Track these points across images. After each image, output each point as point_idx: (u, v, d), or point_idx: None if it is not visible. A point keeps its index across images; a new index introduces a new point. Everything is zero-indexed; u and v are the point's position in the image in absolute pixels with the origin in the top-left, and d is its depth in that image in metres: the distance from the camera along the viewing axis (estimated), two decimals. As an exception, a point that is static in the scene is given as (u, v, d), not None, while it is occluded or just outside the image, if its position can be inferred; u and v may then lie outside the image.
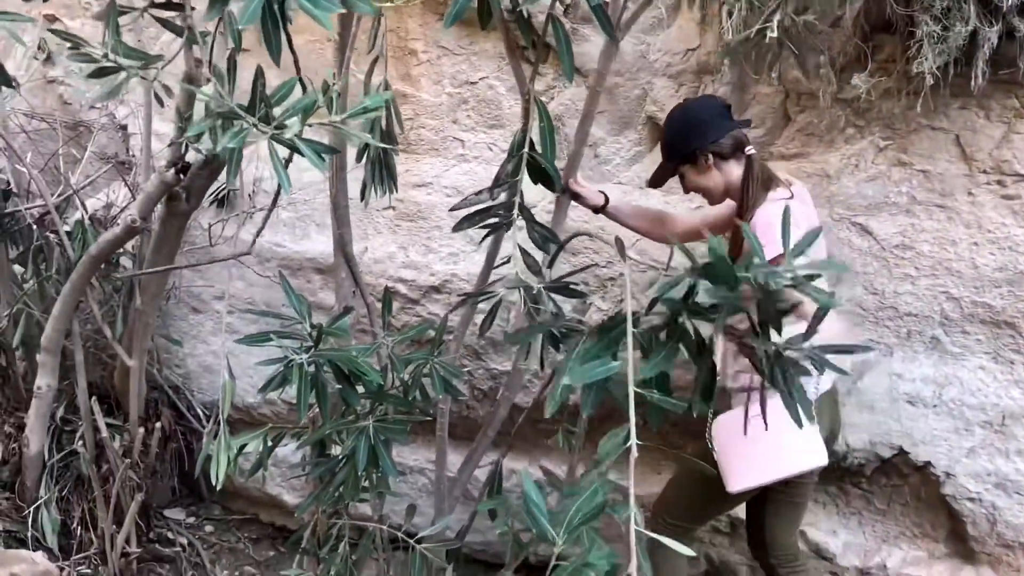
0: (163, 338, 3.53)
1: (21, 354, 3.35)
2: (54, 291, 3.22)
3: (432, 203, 3.17)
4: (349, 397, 2.19)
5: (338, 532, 2.64)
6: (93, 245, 2.80)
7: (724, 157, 2.26)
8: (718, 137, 2.24)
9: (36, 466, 3.20)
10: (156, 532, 3.43)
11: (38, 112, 3.69)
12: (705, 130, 2.25)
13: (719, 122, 2.27)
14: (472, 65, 3.12)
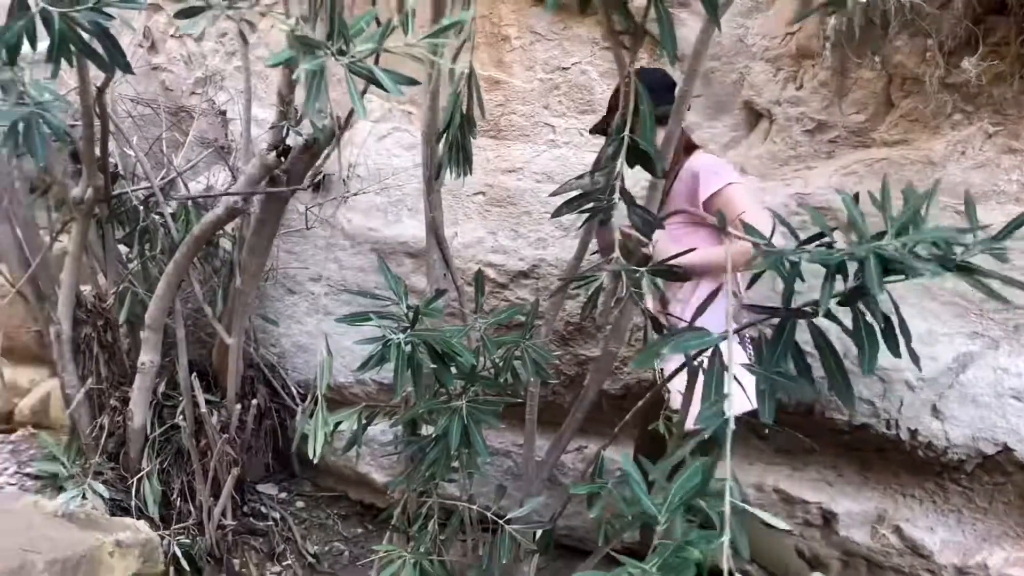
0: (260, 318, 3.63)
1: (125, 331, 3.49)
2: (157, 270, 3.35)
3: (522, 189, 3.18)
4: (443, 377, 2.22)
5: (427, 511, 2.68)
6: (196, 226, 2.89)
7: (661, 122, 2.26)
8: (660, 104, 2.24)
9: (139, 438, 3.33)
10: (250, 506, 3.54)
11: (143, 98, 3.82)
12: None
13: (664, 93, 2.44)
14: (565, 51, 3.11)
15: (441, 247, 2.66)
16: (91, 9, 1.80)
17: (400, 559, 2.52)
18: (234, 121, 3.79)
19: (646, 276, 1.79)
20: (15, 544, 2.84)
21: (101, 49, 1.82)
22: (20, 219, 3.56)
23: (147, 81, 3.95)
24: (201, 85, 3.87)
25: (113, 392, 3.42)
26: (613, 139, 1.92)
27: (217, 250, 3.39)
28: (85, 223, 3.18)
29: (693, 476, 1.48)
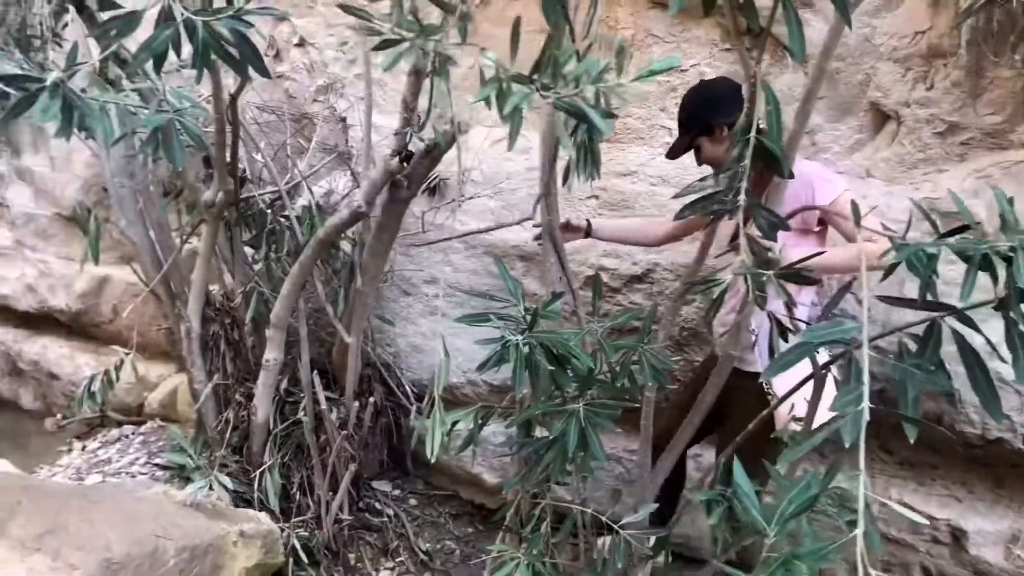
0: (377, 318, 3.72)
1: (249, 329, 3.63)
2: (281, 271, 3.47)
3: (637, 192, 3.17)
4: (560, 379, 2.23)
5: (540, 513, 2.69)
6: (320, 229, 2.98)
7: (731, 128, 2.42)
8: (733, 112, 2.37)
9: (262, 433, 3.45)
10: (365, 502, 3.63)
11: (268, 105, 3.96)
12: (720, 104, 2.46)
13: (734, 99, 2.45)
14: (683, 52, 3.08)
15: (557, 250, 2.67)
16: (231, 17, 1.88)
17: (514, 560, 2.53)
18: (354, 127, 3.89)
19: (774, 279, 1.75)
20: (149, 530, 2.99)
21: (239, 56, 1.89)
22: (154, 221, 3.75)
23: (272, 89, 4.09)
24: (323, 93, 3.99)
25: (238, 388, 3.56)
26: (738, 140, 1.89)
27: (338, 252, 3.48)
28: (215, 225, 3.31)
29: (807, 488, 1.45)
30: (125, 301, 4.76)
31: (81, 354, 5.09)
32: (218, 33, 1.93)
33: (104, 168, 3.77)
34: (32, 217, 5.05)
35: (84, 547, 2.82)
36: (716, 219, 2.09)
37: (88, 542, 2.85)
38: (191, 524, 3.15)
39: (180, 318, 3.59)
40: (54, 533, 2.84)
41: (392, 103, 3.81)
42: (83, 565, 2.73)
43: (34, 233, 5.07)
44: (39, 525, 2.85)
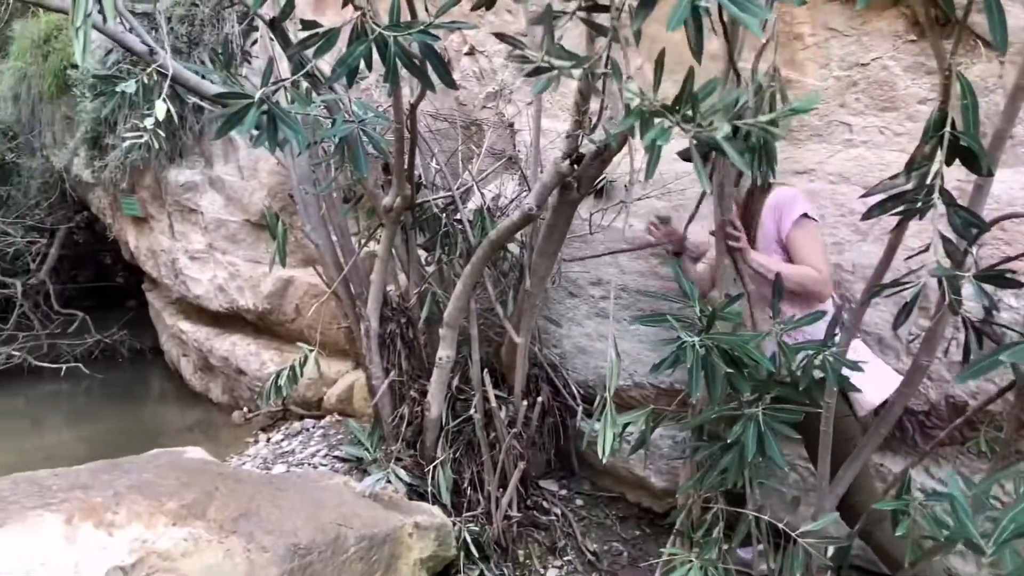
0: (544, 319, 3.77)
1: (423, 328, 3.77)
2: (453, 273, 3.58)
3: (815, 191, 3.07)
4: (738, 383, 2.19)
5: (712, 518, 2.66)
6: (492, 231, 3.06)
7: None
8: None
9: (435, 429, 3.57)
10: (532, 500, 3.68)
11: (440, 113, 4.10)
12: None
13: None
14: (863, 46, 2.96)
15: (731, 252, 2.63)
16: (421, 32, 1.97)
17: (687, 564, 2.51)
18: (521, 132, 3.97)
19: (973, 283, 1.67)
20: (331, 518, 3.16)
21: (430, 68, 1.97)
22: (336, 226, 3.95)
23: (443, 98, 4.23)
24: (491, 99, 4.08)
25: (412, 384, 3.70)
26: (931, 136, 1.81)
27: (507, 254, 3.56)
28: (393, 229, 3.46)
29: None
30: (307, 301, 5.04)
31: (266, 351, 5.43)
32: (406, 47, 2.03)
33: (291, 176, 4.00)
34: (223, 223, 5.42)
35: (274, 531, 3.01)
36: (906, 219, 2.00)
37: (277, 527, 3.04)
38: (370, 514, 3.30)
39: (360, 317, 3.76)
40: (247, 517, 3.04)
41: (559, 107, 3.85)
42: (273, 548, 2.92)
43: (224, 238, 5.45)
44: (234, 509, 3.06)
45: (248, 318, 5.50)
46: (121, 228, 6.59)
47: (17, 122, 7.15)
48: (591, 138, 2.67)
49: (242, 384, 5.66)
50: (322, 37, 1.97)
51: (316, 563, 2.98)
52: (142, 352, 7.45)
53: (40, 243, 7.45)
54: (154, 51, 3.18)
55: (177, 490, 3.06)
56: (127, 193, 6.01)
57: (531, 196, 2.86)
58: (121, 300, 8.51)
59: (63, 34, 6.48)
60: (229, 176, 5.34)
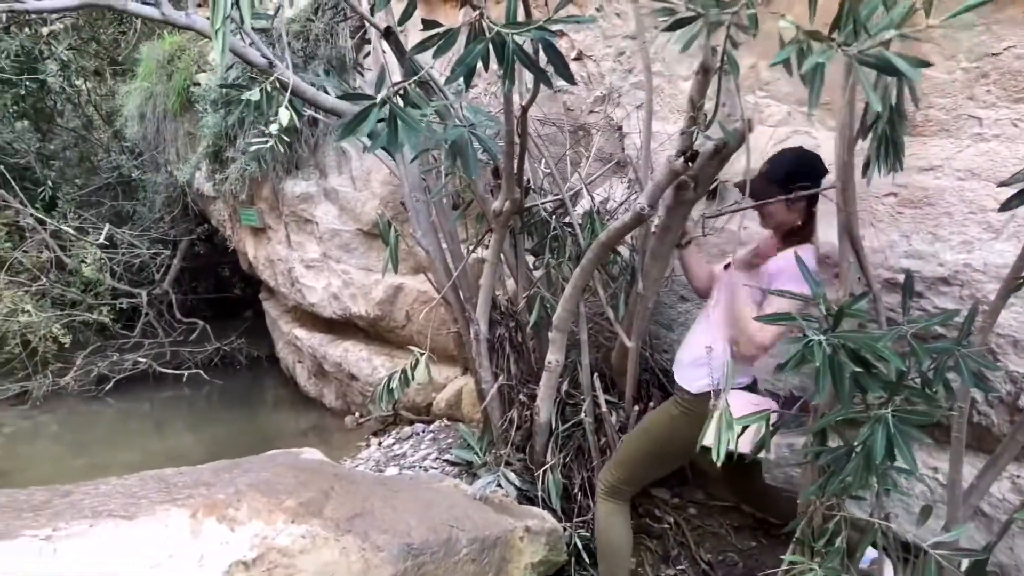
0: (655, 323, 3.72)
1: (531, 332, 3.77)
2: (561, 277, 3.57)
3: (941, 188, 2.93)
4: (867, 383, 2.11)
5: (835, 526, 2.56)
6: (602, 233, 3.03)
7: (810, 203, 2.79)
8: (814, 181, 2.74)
9: (544, 433, 3.56)
10: (644, 508, 3.63)
11: (548, 118, 4.11)
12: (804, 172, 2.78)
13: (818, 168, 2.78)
14: (994, 35, 2.82)
15: (856, 249, 2.54)
16: (538, 29, 1.97)
17: (809, 573, 2.43)
18: (629, 136, 3.94)
19: None
20: (444, 520, 3.18)
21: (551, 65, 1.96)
22: (446, 232, 4.00)
23: (550, 103, 4.24)
24: (599, 103, 4.07)
25: (521, 389, 3.71)
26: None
27: (617, 257, 3.53)
28: (502, 233, 3.47)
29: None
30: (416, 307, 5.12)
31: (377, 357, 5.53)
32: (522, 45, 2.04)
33: (403, 184, 4.08)
34: (336, 232, 5.56)
35: (388, 531, 3.05)
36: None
37: (392, 527, 3.08)
38: (481, 517, 3.31)
39: (469, 322, 3.79)
40: (362, 517, 3.10)
41: (668, 109, 3.81)
42: (387, 547, 2.96)
43: (338, 247, 5.59)
44: (349, 509, 3.12)
45: (360, 324, 5.62)
46: (240, 239, 6.84)
47: (143, 139, 7.53)
48: (708, 135, 2.62)
49: (354, 389, 5.78)
50: (442, 37, 1.99)
51: (429, 563, 3.01)
52: (259, 359, 7.70)
53: (164, 255, 7.80)
54: (273, 64, 3.29)
55: (295, 489, 3.14)
56: (246, 205, 6.24)
57: (643, 196, 2.82)
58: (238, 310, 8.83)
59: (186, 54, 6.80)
60: (343, 187, 5.48)
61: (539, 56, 2.11)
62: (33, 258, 7.16)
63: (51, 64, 7.71)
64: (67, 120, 8.84)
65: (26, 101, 8.15)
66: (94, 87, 9.02)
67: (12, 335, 6.63)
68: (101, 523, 2.77)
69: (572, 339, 3.50)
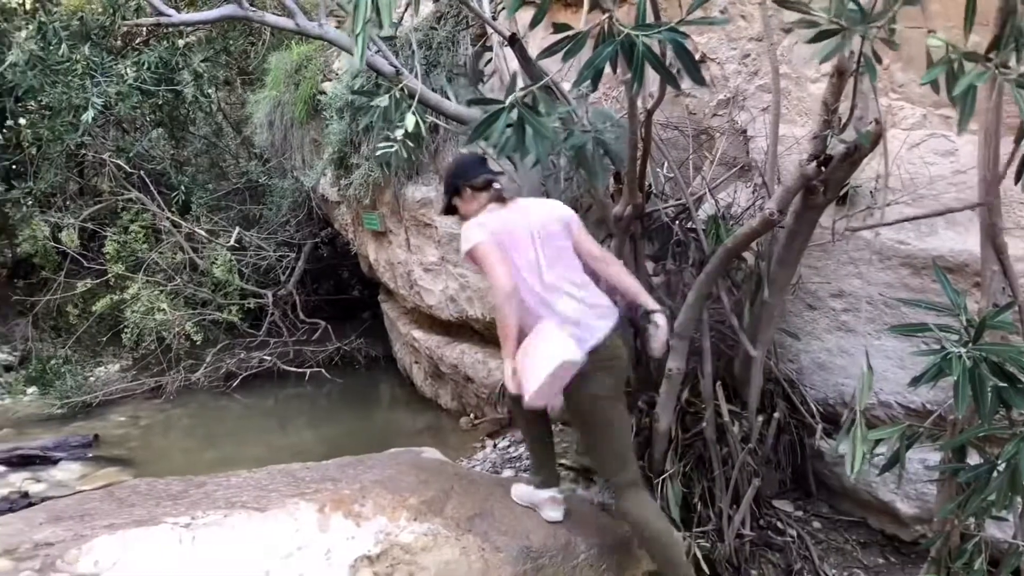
0: (781, 331, 3.63)
1: (651, 339, 3.73)
2: (682, 283, 3.53)
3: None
4: (1011, 398, 2.01)
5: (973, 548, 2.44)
6: (728, 238, 2.98)
7: (478, 189, 3.08)
8: (475, 176, 3.09)
9: (663, 441, 3.52)
10: (766, 520, 3.54)
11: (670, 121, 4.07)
12: (466, 171, 3.13)
13: (477, 167, 3.13)
14: None
15: (1000, 257, 2.42)
16: (669, 30, 1.96)
17: (948, 595, 2.33)
18: (754, 139, 3.86)
19: None
20: (562, 524, 3.18)
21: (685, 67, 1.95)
22: (565, 237, 4.00)
23: (672, 107, 4.19)
24: (723, 107, 4.00)
25: (640, 396, 3.67)
26: None
27: (741, 264, 3.46)
28: (622, 239, 3.46)
29: None
30: (532, 312, 5.14)
31: (492, 360, 5.59)
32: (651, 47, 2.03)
33: (522, 189, 4.11)
34: (455, 236, 5.64)
35: (507, 532, 3.08)
36: None
37: (511, 528, 3.11)
38: (599, 523, 3.31)
39: (587, 327, 3.78)
40: (482, 517, 3.13)
41: (795, 112, 3.72)
42: (507, 549, 2.99)
43: (456, 251, 5.67)
44: (469, 508, 3.16)
45: (476, 327, 5.69)
46: (362, 243, 7.03)
47: (271, 146, 7.83)
48: (841, 138, 2.55)
49: (470, 391, 5.85)
50: (571, 40, 2.00)
51: (548, 567, 3.02)
52: (376, 359, 7.89)
53: (289, 257, 8.08)
54: (399, 72, 3.38)
55: (416, 487, 3.21)
56: (369, 209, 6.41)
57: (772, 200, 2.76)
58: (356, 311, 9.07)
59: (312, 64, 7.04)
60: (460, 192, 5.57)
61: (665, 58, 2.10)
62: (168, 259, 7.53)
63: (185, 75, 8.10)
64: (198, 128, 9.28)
65: (162, 110, 8.60)
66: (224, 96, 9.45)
67: (149, 332, 6.99)
68: (235, 513, 2.90)
69: (693, 347, 3.45)
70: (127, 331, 7.05)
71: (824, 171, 2.61)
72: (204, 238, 7.67)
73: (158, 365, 7.20)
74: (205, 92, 8.34)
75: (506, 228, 2.96)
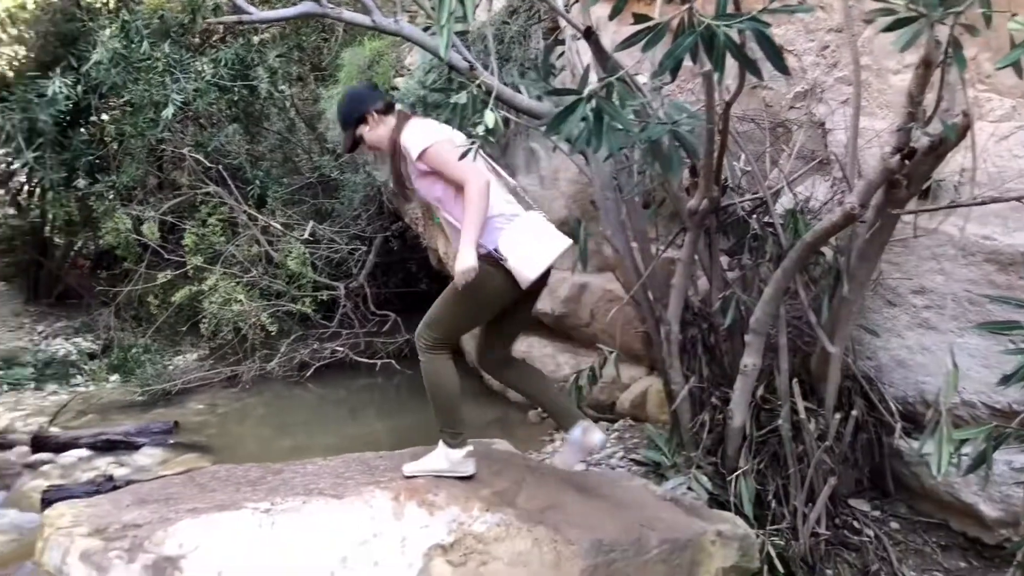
0: (859, 328, 3.56)
1: (725, 334, 3.69)
2: (758, 278, 3.48)
3: None
4: (1110, 400, 1.94)
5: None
6: (808, 232, 2.94)
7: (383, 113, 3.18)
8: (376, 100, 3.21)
9: (737, 438, 3.48)
10: (842, 519, 3.48)
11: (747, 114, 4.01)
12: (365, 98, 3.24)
13: (373, 92, 3.31)
14: None
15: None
16: (752, 19, 1.93)
17: (1035, 601, 2.26)
18: (833, 132, 3.78)
19: None
20: (634, 519, 3.17)
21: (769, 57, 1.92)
22: (636, 231, 3.99)
23: (748, 99, 4.13)
24: (800, 99, 3.93)
25: (713, 391, 3.64)
26: None
27: (819, 258, 3.40)
28: (697, 232, 3.43)
29: None
30: (601, 306, 5.14)
31: (561, 354, 5.59)
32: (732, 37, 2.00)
33: (593, 182, 4.10)
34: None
35: (579, 525, 3.07)
36: None
37: (582, 521, 3.11)
38: (671, 518, 3.28)
39: (659, 322, 3.76)
40: (553, 509, 3.14)
41: (876, 104, 3.64)
42: (578, 542, 2.98)
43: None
44: (541, 501, 3.17)
45: (545, 321, 5.69)
46: (432, 236, 7.08)
47: (343, 141, 7.91)
48: (926, 131, 2.48)
49: (538, 385, 5.87)
50: (651, 31, 2.00)
51: (619, 561, 3.01)
52: (445, 352, 7.94)
53: (360, 251, 8.18)
54: (473, 67, 3.40)
55: (488, 478, 3.23)
56: (438, 204, 6.44)
57: (854, 195, 2.71)
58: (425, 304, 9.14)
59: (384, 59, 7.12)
60: (531, 186, 5.57)
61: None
62: (244, 252, 7.70)
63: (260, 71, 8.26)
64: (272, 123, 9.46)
65: (238, 106, 8.78)
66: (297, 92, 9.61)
67: (226, 323, 7.16)
68: (313, 500, 2.96)
69: (769, 343, 3.40)
70: (205, 321, 7.22)
71: (908, 165, 2.55)
72: (279, 231, 7.82)
73: (234, 355, 7.35)
74: (279, 88, 8.49)
75: (447, 135, 3.08)
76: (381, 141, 3.22)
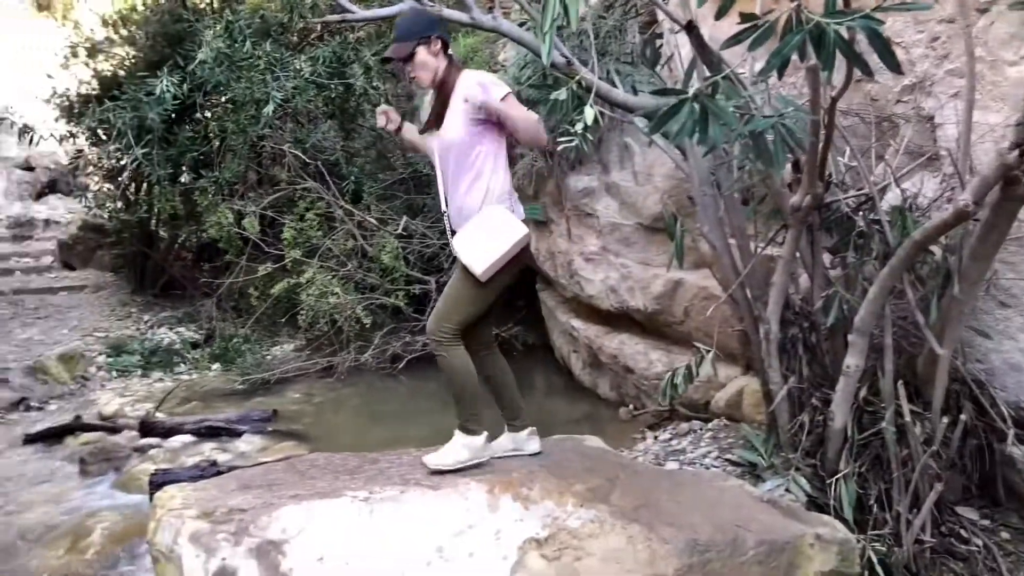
0: (970, 330, 3.44)
1: (826, 334, 3.61)
2: (861, 277, 3.39)
3: None
4: None
5: None
6: (917, 230, 2.85)
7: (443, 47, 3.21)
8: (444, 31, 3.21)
9: (838, 440, 3.41)
10: (948, 526, 3.37)
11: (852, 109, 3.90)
12: (437, 24, 3.21)
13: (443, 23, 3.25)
14: None
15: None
16: (864, 17, 1.89)
17: None
18: (943, 127, 3.66)
19: None
20: (729, 519, 3.13)
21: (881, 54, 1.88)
22: (734, 227, 3.93)
23: (852, 93, 4.02)
24: (908, 92, 3.81)
25: (814, 392, 3.57)
26: None
27: (928, 256, 3.29)
28: (799, 229, 3.36)
29: None
30: (696, 304, 5.08)
31: (654, 351, 5.55)
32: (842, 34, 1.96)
33: (692, 178, 4.06)
34: (617, 226, 5.65)
35: (673, 524, 3.06)
36: None
37: (676, 520, 3.08)
38: (768, 520, 3.23)
39: (757, 321, 3.70)
40: (647, 507, 3.13)
41: (989, 97, 3.49)
42: (673, 540, 2.96)
43: (618, 240, 5.67)
44: (634, 498, 3.17)
45: (637, 318, 5.66)
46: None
47: (436, 136, 8.01)
48: None
49: (629, 382, 5.83)
50: (759, 29, 1.97)
51: (715, 561, 2.98)
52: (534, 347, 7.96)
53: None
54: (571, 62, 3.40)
55: (581, 474, 3.25)
56: (531, 199, 6.48)
57: (967, 191, 2.62)
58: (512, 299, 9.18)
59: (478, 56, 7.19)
60: (624, 182, 5.55)
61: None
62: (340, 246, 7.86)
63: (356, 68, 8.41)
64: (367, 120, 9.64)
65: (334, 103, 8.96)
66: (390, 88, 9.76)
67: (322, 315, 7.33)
68: (410, 490, 3.03)
69: (873, 343, 3.31)
70: (302, 313, 7.41)
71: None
72: (373, 226, 7.96)
73: (330, 346, 7.53)
74: (374, 85, 8.63)
75: None
76: (430, 70, 3.23)
